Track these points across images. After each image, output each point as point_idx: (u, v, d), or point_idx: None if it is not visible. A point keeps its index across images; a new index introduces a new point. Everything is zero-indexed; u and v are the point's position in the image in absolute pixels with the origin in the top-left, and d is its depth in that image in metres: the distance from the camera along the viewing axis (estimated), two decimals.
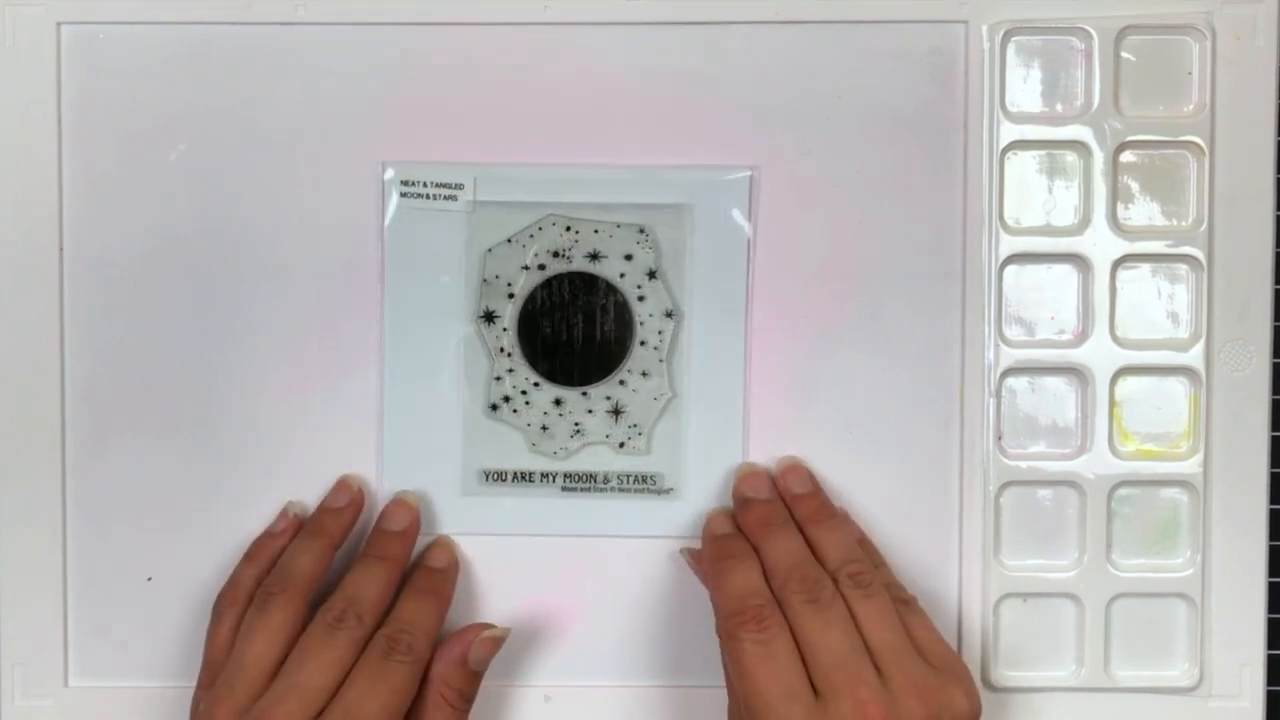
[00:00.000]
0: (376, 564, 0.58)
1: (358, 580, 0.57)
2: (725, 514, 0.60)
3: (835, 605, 0.54)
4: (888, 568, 0.59)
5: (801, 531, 0.58)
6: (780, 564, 0.56)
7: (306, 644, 0.56)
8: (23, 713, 0.61)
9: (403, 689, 0.56)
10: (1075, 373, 0.60)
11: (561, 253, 0.60)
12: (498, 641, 0.58)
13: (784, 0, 0.60)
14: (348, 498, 0.60)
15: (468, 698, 0.58)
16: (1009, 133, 0.60)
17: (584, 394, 0.60)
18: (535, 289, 0.60)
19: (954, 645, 0.60)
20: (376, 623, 0.57)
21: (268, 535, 0.60)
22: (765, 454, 0.61)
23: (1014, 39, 0.60)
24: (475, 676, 0.58)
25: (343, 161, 0.60)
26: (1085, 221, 0.60)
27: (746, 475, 0.60)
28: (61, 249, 0.60)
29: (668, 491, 0.61)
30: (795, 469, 0.60)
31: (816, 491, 0.59)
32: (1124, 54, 0.60)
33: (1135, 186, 0.60)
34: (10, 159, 0.60)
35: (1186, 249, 0.60)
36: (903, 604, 0.56)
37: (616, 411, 0.61)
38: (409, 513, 0.60)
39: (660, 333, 0.60)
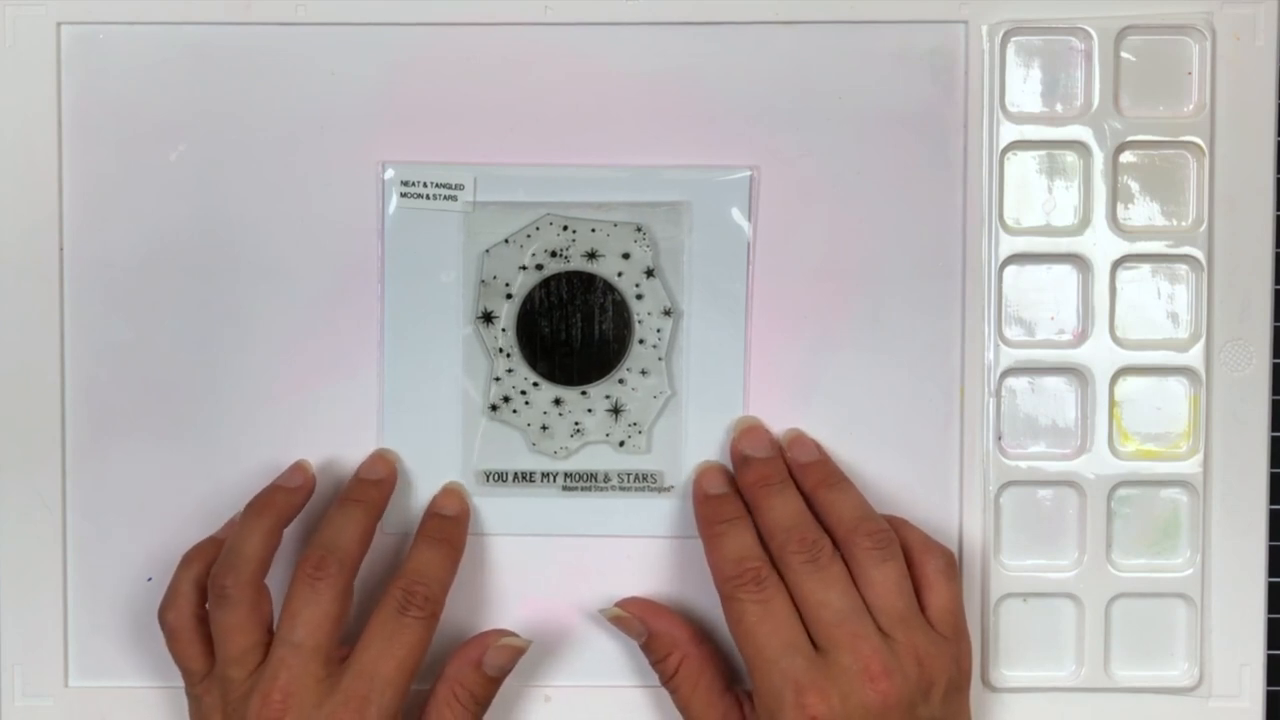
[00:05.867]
0: (354, 507, 0.58)
1: (334, 524, 0.57)
2: (716, 470, 0.60)
3: (834, 566, 0.56)
4: (921, 531, 0.59)
5: (810, 497, 0.58)
6: (779, 525, 0.57)
7: (293, 604, 0.56)
8: (23, 713, 0.61)
9: (419, 644, 0.56)
10: (1075, 373, 0.60)
11: (559, 252, 0.60)
12: (516, 651, 0.58)
13: (784, 0, 0.60)
14: (300, 480, 0.59)
15: (480, 701, 0.58)
16: (1009, 133, 0.60)
17: (583, 393, 0.60)
18: (533, 289, 0.60)
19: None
20: (356, 568, 0.57)
21: (210, 540, 0.60)
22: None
23: (1014, 39, 0.60)
24: (490, 681, 0.58)
25: (343, 161, 0.60)
26: (1085, 222, 0.60)
27: (746, 431, 0.60)
28: (61, 249, 0.60)
29: (668, 490, 0.61)
30: (801, 440, 0.60)
31: (825, 459, 0.59)
32: (1124, 54, 0.60)
33: (1135, 186, 0.60)
34: (10, 159, 0.60)
35: (1186, 249, 0.60)
36: (941, 574, 0.57)
37: (616, 410, 0.61)
38: (387, 465, 0.60)
39: (659, 331, 0.60)
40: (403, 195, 0.60)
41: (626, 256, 0.60)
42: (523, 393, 0.60)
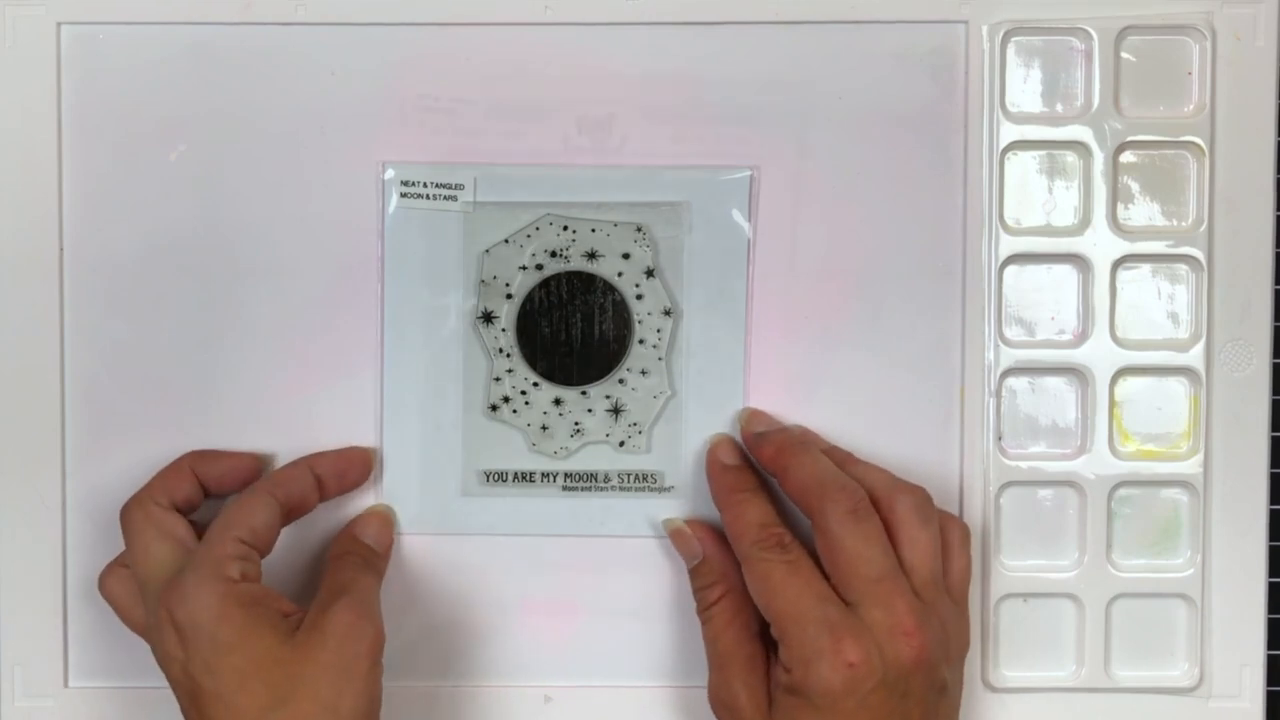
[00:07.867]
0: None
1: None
2: (730, 443, 0.60)
3: (873, 520, 0.55)
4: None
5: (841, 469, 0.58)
6: (814, 479, 0.56)
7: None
8: (23, 713, 0.61)
9: (219, 594, 0.54)
10: (1075, 373, 0.60)
11: (559, 252, 0.60)
12: (380, 517, 0.60)
13: (784, 0, 0.60)
14: (309, 472, 0.59)
15: (370, 561, 0.58)
16: (1009, 133, 0.60)
17: (583, 393, 0.60)
18: (533, 289, 0.60)
19: None
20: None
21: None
22: None
23: (1014, 39, 0.60)
24: (370, 550, 0.59)
25: (343, 161, 0.60)
26: (1085, 222, 0.60)
27: (753, 415, 0.60)
28: (61, 249, 0.60)
29: (668, 490, 0.61)
30: (808, 434, 0.60)
31: (837, 447, 0.60)
32: (1124, 54, 0.60)
33: (1135, 187, 0.60)
34: (10, 159, 0.60)
35: (1186, 249, 0.60)
36: (961, 544, 0.58)
37: (616, 410, 0.61)
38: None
39: (659, 331, 0.60)
40: (403, 195, 0.60)
41: (626, 256, 0.60)
42: (523, 393, 0.60)
